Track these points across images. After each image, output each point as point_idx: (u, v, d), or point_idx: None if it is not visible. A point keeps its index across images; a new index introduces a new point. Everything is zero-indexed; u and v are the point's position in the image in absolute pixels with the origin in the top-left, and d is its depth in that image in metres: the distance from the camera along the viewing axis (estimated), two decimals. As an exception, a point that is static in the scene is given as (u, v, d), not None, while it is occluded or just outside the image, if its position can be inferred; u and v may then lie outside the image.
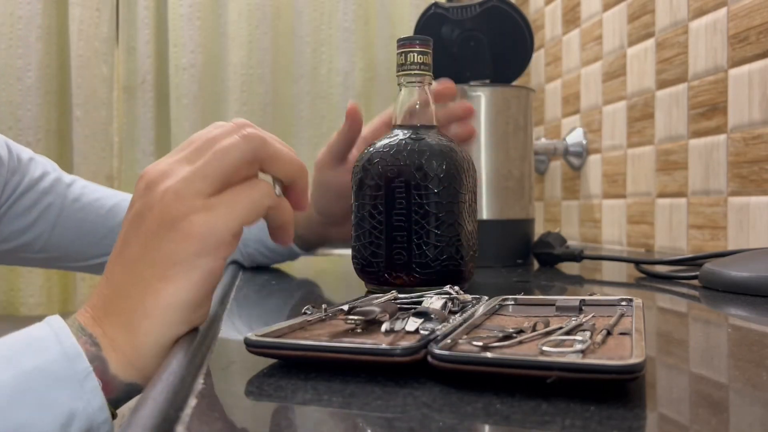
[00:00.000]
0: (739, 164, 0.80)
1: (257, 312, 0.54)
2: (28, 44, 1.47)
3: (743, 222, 0.79)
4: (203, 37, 1.55)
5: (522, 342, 0.31)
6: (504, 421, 0.24)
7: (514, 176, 0.83)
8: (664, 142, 0.96)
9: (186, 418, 0.25)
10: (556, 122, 1.31)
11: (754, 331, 0.43)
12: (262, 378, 0.30)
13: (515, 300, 0.42)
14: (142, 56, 1.54)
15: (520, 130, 0.84)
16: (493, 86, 0.84)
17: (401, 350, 0.29)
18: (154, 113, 1.55)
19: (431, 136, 0.55)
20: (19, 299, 1.49)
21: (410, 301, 0.41)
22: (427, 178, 0.53)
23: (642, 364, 0.26)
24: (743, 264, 0.56)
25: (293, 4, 1.60)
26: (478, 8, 0.86)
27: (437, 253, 0.53)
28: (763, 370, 0.31)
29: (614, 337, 0.33)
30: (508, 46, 0.89)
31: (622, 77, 1.07)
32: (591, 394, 0.26)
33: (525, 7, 1.48)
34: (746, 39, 0.79)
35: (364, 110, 1.58)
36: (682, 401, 0.28)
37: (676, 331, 0.44)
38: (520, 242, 0.84)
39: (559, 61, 1.30)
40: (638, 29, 1.02)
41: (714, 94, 0.84)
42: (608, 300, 0.40)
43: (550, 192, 1.35)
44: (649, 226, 0.99)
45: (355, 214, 0.56)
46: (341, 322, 0.37)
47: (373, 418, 0.25)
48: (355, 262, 0.57)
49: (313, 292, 0.68)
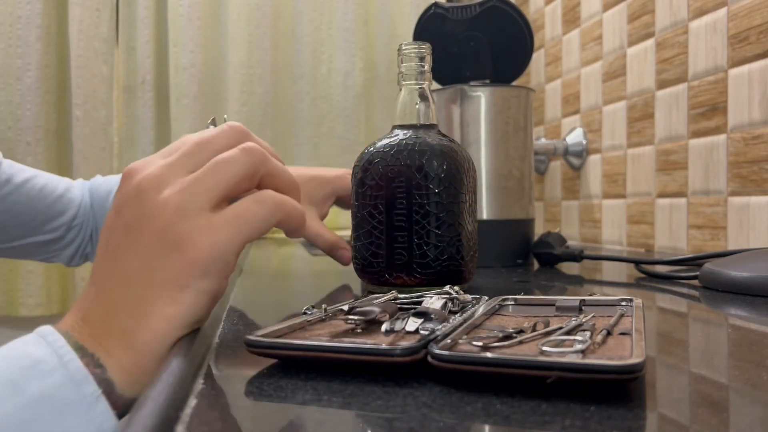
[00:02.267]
0: (739, 164, 0.80)
1: (257, 312, 0.54)
2: (28, 44, 1.47)
3: (743, 222, 0.79)
4: (203, 37, 1.55)
5: (522, 342, 0.31)
6: (504, 421, 0.24)
7: (514, 176, 0.83)
8: (664, 142, 0.96)
9: (186, 418, 0.25)
10: (556, 122, 1.31)
11: (754, 331, 0.43)
12: (262, 378, 0.30)
13: (515, 300, 0.42)
14: (141, 56, 1.54)
15: (520, 130, 0.84)
16: (493, 86, 0.84)
17: (401, 350, 0.29)
18: (153, 113, 1.55)
19: (431, 136, 0.55)
20: (18, 299, 1.49)
21: (410, 301, 0.41)
22: (427, 178, 0.53)
23: (642, 364, 0.26)
24: (743, 264, 0.56)
25: (293, 4, 1.60)
26: (478, 8, 0.86)
27: (437, 254, 0.53)
28: (763, 370, 0.31)
29: (614, 337, 0.33)
30: (508, 46, 0.89)
31: (622, 77, 1.07)
32: (591, 394, 0.26)
33: (525, 7, 1.48)
34: (746, 39, 0.78)
35: (364, 110, 1.59)
36: (682, 401, 0.28)
37: (676, 331, 0.44)
38: (520, 242, 0.84)
39: (559, 61, 1.30)
40: (638, 29, 1.02)
41: (714, 94, 0.84)
42: (608, 300, 0.40)
43: (550, 192, 1.35)
44: (649, 226, 0.99)
45: (355, 214, 0.56)
46: (341, 322, 0.37)
47: (373, 418, 0.25)
48: (355, 262, 0.57)
49: (313, 292, 0.68)
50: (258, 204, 0.37)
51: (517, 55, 0.90)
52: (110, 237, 0.37)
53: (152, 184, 0.36)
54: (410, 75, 0.57)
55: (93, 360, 0.34)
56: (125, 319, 0.35)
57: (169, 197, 0.36)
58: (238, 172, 0.37)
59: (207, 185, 0.36)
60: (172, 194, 0.36)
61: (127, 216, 0.36)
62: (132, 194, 0.37)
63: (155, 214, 0.35)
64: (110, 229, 0.37)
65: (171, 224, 0.35)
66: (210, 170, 0.37)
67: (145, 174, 0.37)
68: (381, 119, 1.61)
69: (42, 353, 0.33)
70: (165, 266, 0.35)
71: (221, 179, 0.37)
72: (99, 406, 0.33)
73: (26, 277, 1.48)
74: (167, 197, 0.36)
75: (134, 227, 0.36)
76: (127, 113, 1.56)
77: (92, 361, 0.34)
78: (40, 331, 0.35)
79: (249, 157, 0.38)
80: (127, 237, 0.36)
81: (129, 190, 0.37)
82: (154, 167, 0.37)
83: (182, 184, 0.36)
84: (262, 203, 0.37)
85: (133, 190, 0.37)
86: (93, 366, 0.34)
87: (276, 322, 0.35)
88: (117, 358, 0.35)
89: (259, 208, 0.37)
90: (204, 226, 0.35)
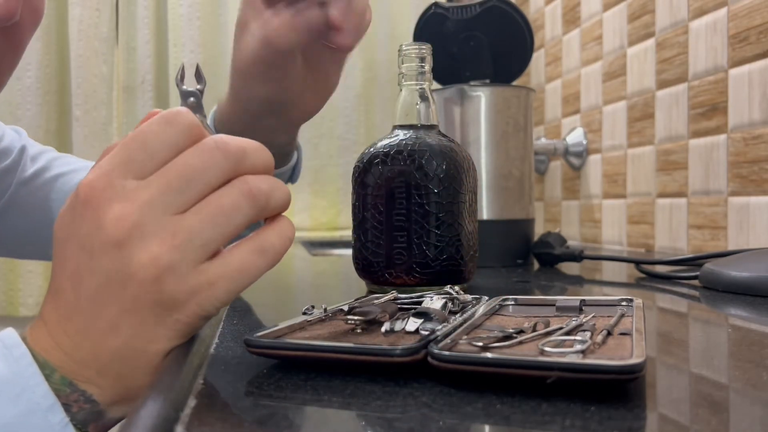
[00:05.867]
0: (739, 164, 0.80)
1: (257, 312, 0.54)
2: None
3: (743, 222, 0.79)
4: (203, 37, 1.55)
5: (522, 342, 0.31)
6: (504, 421, 0.24)
7: (514, 176, 0.83)
8: (664, 142, 0.96)
9: (186, 418, 0.25)
10: (556, 122, 1.31)
11: (754, 331, 0.42)
12: (262, 378, 0.30)
13: (515, 300, 0.42)
14: (141, 56, 1.54)
15: (520, 130, 0.84)
16: (493, 86, 0.84)
17: (401, 350, 0.29)
18: (154, 113, 1.55)
19: (431, 136, 0.55)
20: (18, 299, 1.49)
21: (410, 301, 0.41)
22: (427, 178, 0.53)
23: (642, 365, 0.26)
24: (743, 264, 0.56)
25: (293, 4, 1.59)
26: (478, 8, 0.86)
27: (437, 253, 0.53)
28: (763, 370, 0.31)
29: (614, 338, 0.33)
30: (508, 46, 0.89)
31: (622, 77, 1.07)
32: (591, 394, 0.26)
33: (525, 7, 1.48)
34: (746, 39, 0.78)
35: (364, 110, 1.59)
36: (682, 401, 0.28)
37: (677, 331, 0.44)
38: (520, 242, 0.84)
39: (559, 61, 1.30)
40: (638, 29, 1.02)
41: (714, 94, 0.84)
42: (608, 300, 0.40)
43: (550, 192, 1.35)
44: (649, 226, 0.99)
45: (356, 214, 0.56)
46: (341, 322, 0.37)
47: (373, 418, 0.25)
48: (356, 262, 0.57)
49: (313, 292, 0.68)
50: (261, 256, 0.33)
51: (517, 55, 0.90)
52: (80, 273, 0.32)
53: (132, 232, 0.30)
54: (411, 75, 0.57)
55: (84, 397, 0.32)
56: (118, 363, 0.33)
57: (157, 256, 0.30)
58: (239, 224, 0.32)
59: (203, 241, 0.31)
60: (161, 252, 0.30)
61: (103, 264, 0.31)
62: (106, 240, 0.31)
63: (141, 275, 0.30)
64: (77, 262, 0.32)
65: (166, 291, 0.31)
66: (207, 222, 0.31)
67: (119, 214, 0.31)
68: (381, 119, 1.61)
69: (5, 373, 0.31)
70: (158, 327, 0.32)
71: (218, 233, 0.31)
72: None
73: (26, 277, 1.48)
74: (155, 255, 0.30)
75: (112, 278, 0.31)
76: (127, 113, 1.56)
77: (82, 398, 0.32)
78: (5, 341, 0.32)
79: (253, 207, 0.32)
80: (108, 289, 0.31)
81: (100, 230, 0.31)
82: (128, 202, 0.31)
83: (172, 238, 0.30)
84: (264, 254, 0.33)
85: (106, 235, 0.31)
86: (83, 402, 0.32)
87: (276, 322, 0.35)
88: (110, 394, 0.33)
89: (262, 260, 0.33)
90: (204, 286, 0.31)
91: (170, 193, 0.31)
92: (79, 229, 0.31)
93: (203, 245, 0.31)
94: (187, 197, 0.31)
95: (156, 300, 0.31)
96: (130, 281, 0.31)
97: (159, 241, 0.30)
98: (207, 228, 0.31)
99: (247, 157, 0.33)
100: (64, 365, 0.32)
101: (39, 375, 0.31)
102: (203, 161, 0.32)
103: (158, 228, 0.31)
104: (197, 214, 0.31)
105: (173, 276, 0.31)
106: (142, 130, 0.32)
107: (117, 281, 0.31)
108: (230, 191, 0.32)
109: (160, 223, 0.31)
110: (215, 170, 0.32)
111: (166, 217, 0.31)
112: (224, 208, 0.32)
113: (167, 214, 0.31)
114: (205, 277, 0.31)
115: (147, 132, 0.32)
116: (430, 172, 0.53)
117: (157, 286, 0.31)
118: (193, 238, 0.31)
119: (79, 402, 0.32)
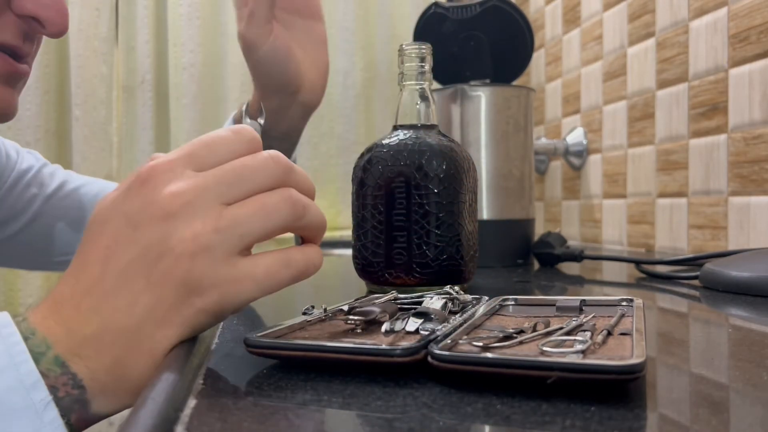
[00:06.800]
0: (739, 164, 0.80)
1: (257, 312, 0.54)
2: (28, 44, 1.47)
3: (743, 222, 0.79)
4: (203, 36, 1.55)
5: (522, 342, 0.31)
6: (504, 421, 0.24)
7: (514, 176, 0.83)
8: (664, 142, 0.95)
9: (186, 418, 0.25)
10: (556, 122, 1.31)
11: (755, 331, 0.42)
12: (262, 378, 0.30)
13: (515, 300, 0.42)
14: (141, 56, 1.54)
15: (520, 130, 0.84)
16: (493, 86, 0.84)
17: (401, 350, 0.29)
18: (153, 113, 1.55)
19: (431, 136, 0.55)
20: (18, 299, 1.49)
21: (410, 302, 0.41)
22: (427, 178, 0.53)
23: (642, 365, 0.26)
24: (744, 264, 0.56)
25: (293, 3, 1.59)
26: (478, 8, 0.86)
27: (437, 253, 0.53)
28: (764, 370, 0.31)
29: (615, 338, 0.33)
30: (508, 46, 0.89)
31: (622, 77, 1.07)
32: (591, 394, 0.26)
33: (525, 7, 1.48)
34: (747, 39, 0.78)
35: (364, 110, 1.59)
36: (682, 401, 0.28)
37: (677, 331, 0.44)
38: (521, 242, 0.84)
39: (559, 60, 1.30)
40: (638, 29, 1.02)
41: (714, 94, 0.84)
42: (609, 300, 0.40)
43: (550, 192, 1.35)
44: (649, 226, 0.99)
45: (356, 214, 0.56)
46: (341, 322, 0.37)
47: (373, 419, 0.25)
48: (356, 262, 0.57)
49: (313, 292, 0.68)
50: (287, 267, 0.35)
51: (517, 55, 0.91)
52: (116, 246, 0.33)
53: (183, 208, 0.33)
54: (411, 75, 0.57)
55: (73, 381, 0.32)
56: (124, 351, 0.33)
57: (199, 233, 0.33)
58: (277, 224, 0.35)
59: (243, 231, 0.33)
60: (203, 231, 0.33)
61: (146, 235, 0.33)
62: (157, 213, 0.33)
63: (179, 248, 0.32)
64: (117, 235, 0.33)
65: (196, 268, 0.32)
66: (250, 215, 0.34)
67: (174, 190, 0.33)
68: (381, 119, 1.61)
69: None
70: (179, 308, 0.33)
71: (258, 227, 0.34)
72: (48, 414, 0.31)
73: (26, 277, 1.48)
74: (197, 233, 0.33)
75: (150, 254, 0.33)
76: (127, 113, 1.56)
77: (71, 381, 0.32)
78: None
79: (292, 213, 0.35)
80: (141, 262, 0.33)
81: (153, 204, 0.33)
82: (185, 183, 0.33)
83: (216, 221, 0.33)
84: (289, 268, 0.35)
85: (158, 208, 0.33)
86: (70, 387, 0.32)
87: (276, 322, 0.35)
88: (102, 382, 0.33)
89: (287, 271, 0.35)
90: (230, 279, 0.33)
91: (223, 185, 0.34)
92: (129, 205, 0.34)
93: (242, 235, 0.33)
94: (238, 191, 0.34)
95: (183, 279, 0.33)
96: (166, 254, 0.33)
97: (204, 222, 0.33)
98: (248, 220, 0.34)
99: (294, 173, 0.37)
100: (63, 341, 0.33)
101: (26, 353, 0.32)
102: (256, 164, 0.35)
103: (207, 210, 0.33)
104: (242, 206, 0.34)
105: (207, 258, 0.33)
106: (210, 135, 0.36)
107: (154, 253, 0.33)
108: (274, 194, 0.35)
109: (210, 206, 0.33)
110: (266, 174, 0.35)
111: (215, 204, 0.33)
112: (267, 206, 0.34)
113: (217, 202, 0.34)
114: (234, 270, 0.33)
115: (214, 136, 0.36)
116: (430, 172, 0.53)
117: (189, 264, 0.32)
118: (234, 226, 0.33)
119: (67, 386, 0.32)
